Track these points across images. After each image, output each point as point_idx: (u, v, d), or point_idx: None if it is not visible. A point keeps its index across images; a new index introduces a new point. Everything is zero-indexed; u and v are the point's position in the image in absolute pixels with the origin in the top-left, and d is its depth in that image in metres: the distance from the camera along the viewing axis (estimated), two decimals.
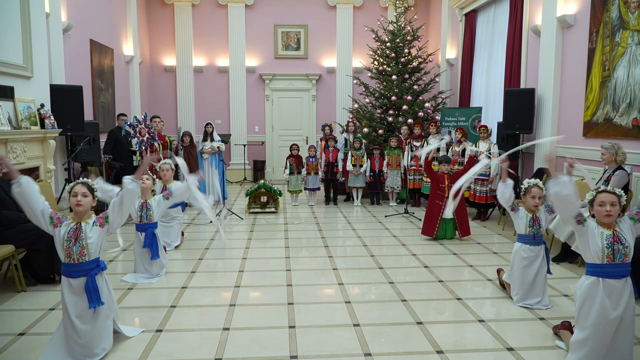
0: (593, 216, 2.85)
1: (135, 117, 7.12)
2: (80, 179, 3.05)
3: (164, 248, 4.77)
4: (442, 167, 6.00)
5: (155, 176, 5.06)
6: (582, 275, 2.90)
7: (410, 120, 8.42)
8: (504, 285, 4.08)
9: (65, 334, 2.94)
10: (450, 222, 5.86)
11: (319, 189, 8.32)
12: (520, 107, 6.63)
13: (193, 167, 8.02)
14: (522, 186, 3.87)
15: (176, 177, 7.89)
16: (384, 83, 9.03)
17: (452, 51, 10.03)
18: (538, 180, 3.82)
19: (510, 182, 3.81)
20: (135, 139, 6.84)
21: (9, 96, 5.28)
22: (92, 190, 2.99)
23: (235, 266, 4.86)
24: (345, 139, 8.59)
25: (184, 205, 7.60)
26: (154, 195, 4.58)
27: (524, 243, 3.82)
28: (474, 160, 5.75)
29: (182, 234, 5.77)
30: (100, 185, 3.88)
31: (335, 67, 11.42)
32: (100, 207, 5.22)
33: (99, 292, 2.94)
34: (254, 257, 5.19)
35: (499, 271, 4.28)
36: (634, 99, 5.12)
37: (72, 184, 2.99)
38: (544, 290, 3.80)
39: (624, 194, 2.82)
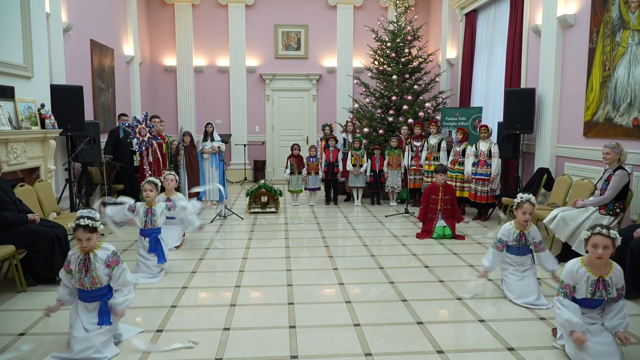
0: (587, 252, 2.96)
1: (135, 117, 7.11)
2: (81, 220, 2.95)
3: None
4: (438, 177, 5.95)
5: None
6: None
7: (410, 120, 8.42)
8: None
9: (71, 338, 2.99)
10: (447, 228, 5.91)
11: (319, 189, 8.32)
12: (521, 107, 6.63)
13: (194, 167, 8.03)
14: (515, 200, 3.95)
15: (177, 188, 7.90)
16: (385, 83, 9.02)
17: (453, 51, 10.03)
18: (531, 195, 3.88)
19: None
20: (135, 139, 6.84)
21: (9, 96, 5.28)
22: (94, 229, 2.99)
23: (235, 266, 4.86)
24: (344, 138, 8.59)
25: None
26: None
27: (510, 252, 3.95)
28: None
29: (183, 234, 5.77)
30: (111, 214, 4.40)
31: (335, 67, 11.42)
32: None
33: (110, 315, 3.05)
34: (254, 257, 5.20)
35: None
36: (634, 99, 5.12)
37: (73, 226, 2.97)
38: (538, 290, 3.86)
39: (619, 236, 2.87)
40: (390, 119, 8.64)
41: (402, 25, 9.16)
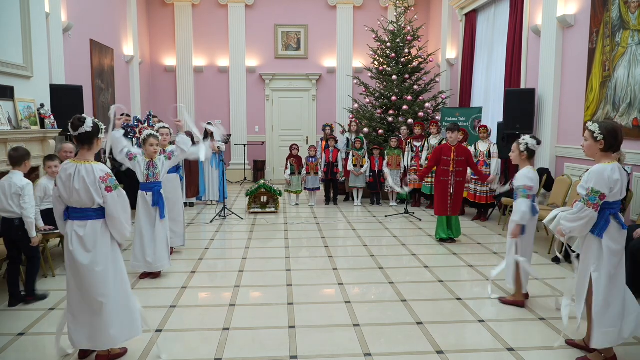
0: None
1: (136, 117, 7.12)
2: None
3: (171, 249, 4.76)
4: (450, 136, 5.72)
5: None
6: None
7: (410, 121, 8.42)
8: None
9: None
10: (457, 222, 5.82)
11: (319, 189, 8.32)
12: (521, 107, 6.63)
13: (193, 167, 8.03)
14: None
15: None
16: (384, 83, 9.02)
17: (453, 51, 10.03)
18: (524, 137, 3.81)
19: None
20: (135, 139, 6.85)
21: (9, 96, 5.28)
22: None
23: (235, 266, 4.86)
24: (347, 138, 8.57)
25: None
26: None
27: None
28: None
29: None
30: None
31: (335, 67, 11.41)
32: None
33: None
34: (254, 257, 5.19)
35: None
36: (634, 99, 5.12)
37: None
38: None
39: (597, 128, 2.80)
40: (390, 119, 8.64)
41: (402, 25, 9.16)
